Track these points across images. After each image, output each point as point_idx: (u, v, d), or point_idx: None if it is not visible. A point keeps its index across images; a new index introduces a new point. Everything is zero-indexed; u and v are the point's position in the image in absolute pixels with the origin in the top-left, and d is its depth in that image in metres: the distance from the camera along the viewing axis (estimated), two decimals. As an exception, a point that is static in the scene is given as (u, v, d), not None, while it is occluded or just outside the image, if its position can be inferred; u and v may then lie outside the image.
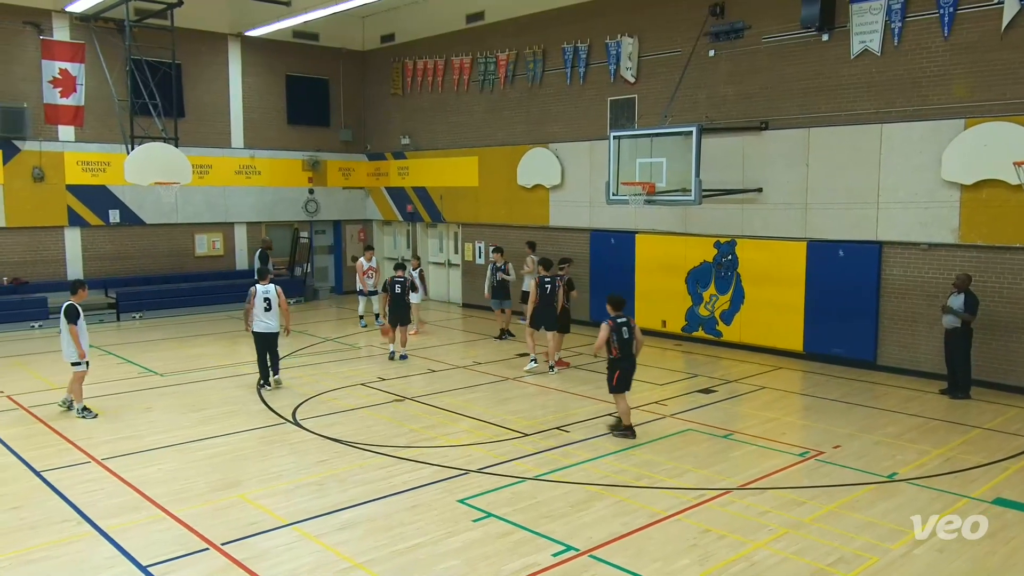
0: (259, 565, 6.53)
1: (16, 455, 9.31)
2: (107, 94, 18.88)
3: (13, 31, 18.14)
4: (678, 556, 6.68)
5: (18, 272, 18.68)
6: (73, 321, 10.67)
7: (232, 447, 9.71)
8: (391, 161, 23.41)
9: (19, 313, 17.83)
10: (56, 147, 18.91)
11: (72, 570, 6.49)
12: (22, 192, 18.47)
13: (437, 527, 7.28)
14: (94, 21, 18.72)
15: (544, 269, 13.86)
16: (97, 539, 7.05)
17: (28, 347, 15.95)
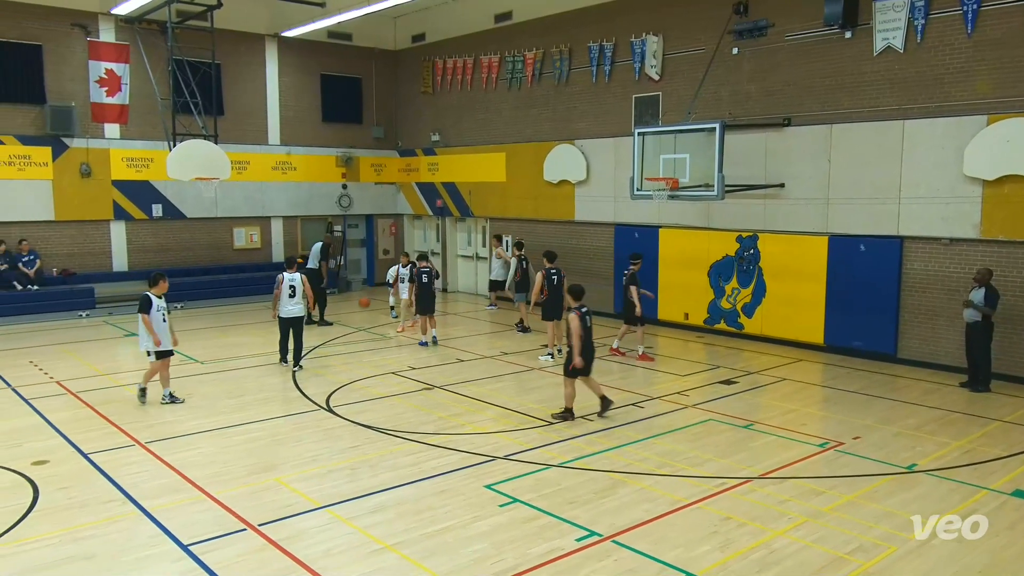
0: (294, 545, 6.60)
1: (65, 438, 9.49)
2: (150, 93, 19.12)
3: (62, 33, 18.42)
4: (699, 543, 6.66)
5: (67, 263, 19.00)
6: (146, 311, 10.54)
7: (268, 432, 9.81)
8: (421, 157, 23.47)
9: (67, 303, 18.15)
10: (102, 144, 19.18)
11: (118, 548, 6.60)
12: (70, 187, 18.78)
13: (465, 511, 7.32)
14: (138, 23, 18.96)
15: (549, 261, 14.29)
16: (141, 519, 7.17)
17: (76, 335, 16.24)
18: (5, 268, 17.75)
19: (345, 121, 23.24)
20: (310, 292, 13.05)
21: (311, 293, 13.12)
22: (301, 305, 12.89)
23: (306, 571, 6.16)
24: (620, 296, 17.86)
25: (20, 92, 18.03)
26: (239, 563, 6.30)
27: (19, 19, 17.86)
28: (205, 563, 6.28)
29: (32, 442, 9.34)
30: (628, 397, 11.32)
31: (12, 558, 6.40)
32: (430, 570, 6.18)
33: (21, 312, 17.51)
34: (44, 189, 18.47)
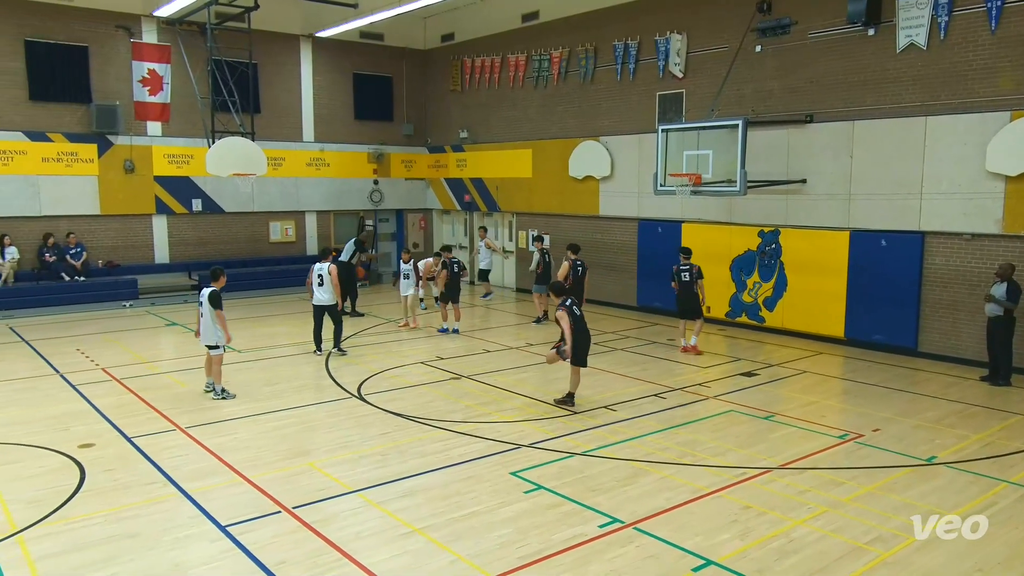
0: (327, 528, 6.67)
1: (110, 422, 9.66)
2: (190, 92, 19.34)
3: (107, 35, 18.67)
4: (719, 531, 6.62)
5: (111, 256, 19.31)
6: (220, 307, 10.46)
7: (302, 419, 9.91)
8: (450, 154, 23.50)
9: (112, 293, 18.44)
10: (145, 141, 19.44)
11: (159, 528, 6.70)
12: (115, 183, 19.06)
13: (491, 497, 7.34)
14: (179, 24, 19.16)
15: (573, 253, 14.37)
16: (181, 500, 7.28)
17: (120, 324, 16.50)
18: (54, 260, 18.08)
19: (376, 119, 23.34)
20: (336, 282, 13.18)
21: (337, 283, 13.24)
22: (329, 294, 13.13)
23: (338, 552, 6.22)
24: (642, 288, 17.82)
25: (68, 91, 18.33)
26: (274, 544, 6.37)
27: (67, 21, 18.14)
28: (242, 543, 6.37)
29: (79, 426, 9.52)
30: (650, 388, 11.28)
31: (60, 536, 6.53)
32: (457, 553, 6.22)
33: (68, 302, 17.83)
34: (90, 184, 18.77)
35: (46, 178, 18.18)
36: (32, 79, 17.87)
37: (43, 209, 18.23)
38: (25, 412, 10.13)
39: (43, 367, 12.64)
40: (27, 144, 17.88)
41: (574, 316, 9.96)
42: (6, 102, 17.65)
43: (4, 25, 17.44)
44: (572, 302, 10.12)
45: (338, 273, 13.27)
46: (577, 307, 10.09)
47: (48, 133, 18.14)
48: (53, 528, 6.67)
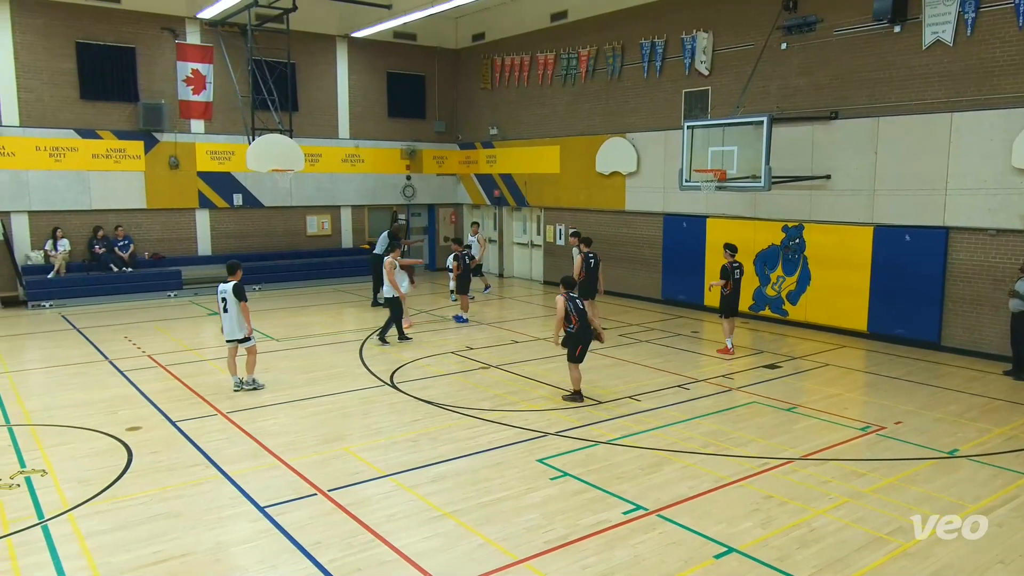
0: (361, 510, 6.73)
1: (156, 407, 9.83)
2: (232, 91, 19.53)
3: (153, 36, 18.92)
4: (741, 519, 6.57)
5: (157, 248, 19.62)
6: (245, 298, 10.27)
7: (337, 405, 10.00)
8: (480, 150, 23.49)
9: (158, 283, 18.75)
10: (189, 139, 19.69)
11: (202, 508, 6.82)
12: (160, 178, 19.35)
13: (518, 483, 7.35)
14: (221, 26, 19.35)
15: (586, 246, 14.27)
16: (222, 482, 7.39)
17: (165, 313, 16.78)
18: (103, 252, 18.42)
19: (409, 116, 23.39)
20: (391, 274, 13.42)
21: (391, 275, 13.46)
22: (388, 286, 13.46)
23: (371, 534, 6.28)
24: (667, 281, 17.70)
25: (116, 91, 18.61)
26: (310, 525, 6.45)
27: (116, 24, 18.41)
28: (280, 524, 6.46)
29: (127, 410, 9.70)
30: (674, 379, 11.21)
31: (109, 514, 6.67)
32: (485, 536, 6.24)
33: (117, 292, 18.17)
34: (137, 180, 19.07)
35: (96, 174, 18.50)
36: (83, 79, 18.17)
37: (93, 203, 18.56)
38: (77, 396, 10.36)
39: (93, 353, 12.90)
40: (78, 141, 18.21)
41: (578, 308, 9.82)
42: (59, 101, 17.98)
43: (57, 28, 17.75)
44: (576, 296, 10.01)
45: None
46: (580, 302, 9.98)
47: (98, 131, 18.45)
48: (102, 507, 6.82)
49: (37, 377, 11.63)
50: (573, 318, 9.79)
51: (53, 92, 17.88)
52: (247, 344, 10.50)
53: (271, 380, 11.15)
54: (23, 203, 17.72)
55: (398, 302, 13.48)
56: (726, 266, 12.66)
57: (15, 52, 17.31)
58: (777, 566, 5.77)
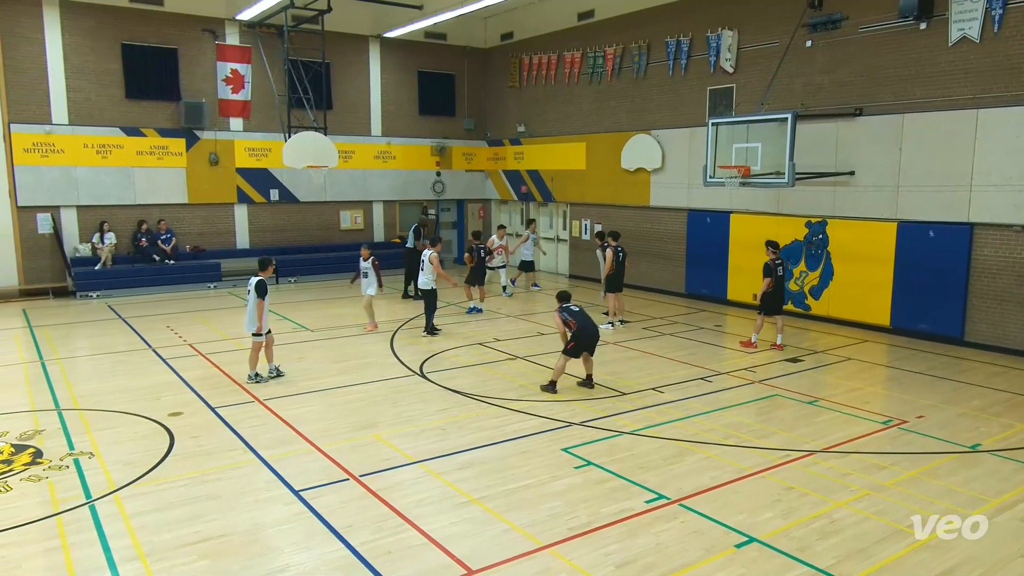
0: (391, 495, 6.79)
1: (196, 394, 9.99)
2: (268, 90, 19.73)
3: (194, 38, 19.16)
4: (762, 510, 6.51)
5: (197, 241, 19.90)
6: (263, 296, 10.26)
7: (369, 394, 10.07)
8: (508, 147, 23.47)
9: (198, 275, 19.04)
10: (228, 136, 19.92)
11: (239, 490, 6.92)
12: (201, 174, 19.61)
13: (543, 471, 7.36)
14: (259, 27, 19.53)
15: (614, 240, 14.30)
16: (259, 466, 7.49)
17: (205, 304, 17.03)
18: (146, 244, 18.73)
19: (439, 114, 23.44)
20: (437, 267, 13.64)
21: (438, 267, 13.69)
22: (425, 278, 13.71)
23: (400, 518, 6.33)
24: (691, 276, 17.56)
25: (159, 90, 18.88)
26: (342, 508, 6.51)
27: (159, 27, 18.67)
28: (313, 507, 6.53)
29: (169, 396, 9.87)
30: (697, 372, 11.13)
31: (152, 495, 6.80)
32: (511, 523, 6.26)
33: (159, 283, 18.48)
34: (179, 176, 19.34)
35: (140, 170, 18.80)
36: (128, 79, 18.46)
37: (137, 198, 18.88)
38: (122, 382, 10.56)
39: (137, 342, 13.14)
40: (123, 139, 18.52)
41: (570, 315, 9.94)
42: (106, 100, 18.29)
43: (104, 31, 18.04)
44: (567, 306, 10.11)
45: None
46: (575, 307, 10.07)
47: (142, 128, 18.75)
48: (145, 488, 6.95)
49: (85, 364, 11.88)
50: (571, 323, 9.87)
51: (100, 92, 18.20)
52: (255, 339, 10.41)
53: (305, 369, 11.28)
54: (72, 198, 18.08)
55: (434, 293, 13.55)
56: (768, 263, 12.38)
57: (64, 54, 17.64)
58: (798, 556, 5.72)
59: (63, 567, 5.55)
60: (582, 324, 9.88)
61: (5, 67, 17.01)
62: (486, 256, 16.01)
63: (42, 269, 17.98)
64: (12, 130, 17.22)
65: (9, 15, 16.95)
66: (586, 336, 9.89)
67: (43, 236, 17.91)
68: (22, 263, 17.74)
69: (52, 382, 10.56)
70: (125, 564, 5.59)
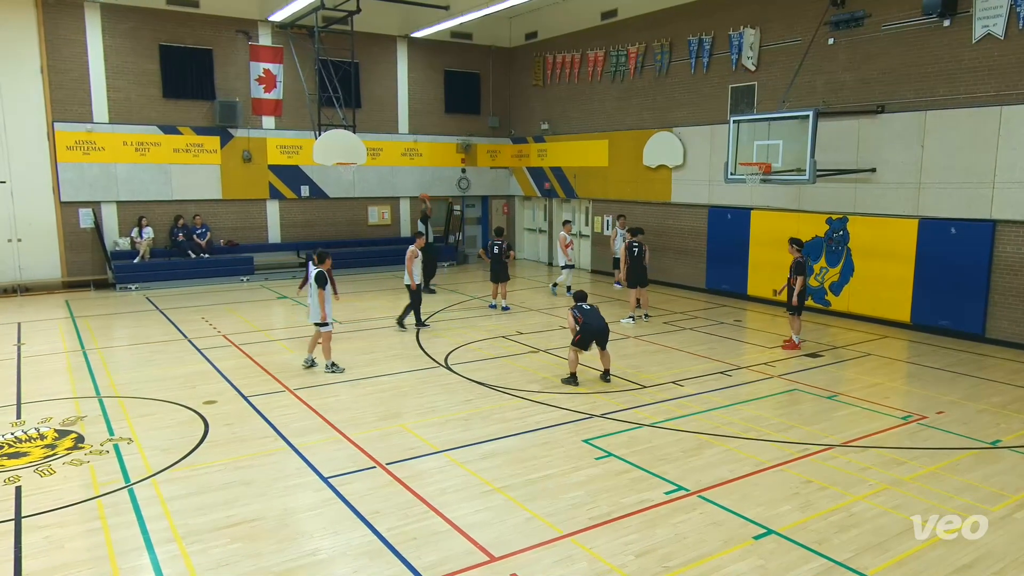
0: (416, 483, 6.83)
1: (230, 383, 10.13)
2: (299, 89, 19.87)
3: (228, 39, 19.35)
4: (780, 502, 6.46)
5: (231, 235, 20.13)
6: (322, 286, 10.41)
7: (395, 385, 10.14)
8: (532, 144, 23.43)
9: (231, 268, 19.26)
10: (260, 134, 20.10)
11: (271, 476, 7.01)
12: (235, 171, 19.82)
13: (564, 462, 7.36)
14: (290, 28, 19.66)
15: (632, 236, 14.15)
16: (289, 453, 7.58)
17: (238, 296, 17.23)
18: (182, 239, 18.98)
19: (465, 112, 23.45)
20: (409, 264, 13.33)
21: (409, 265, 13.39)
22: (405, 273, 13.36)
23: (425, 505, 6.37)
24: (712, 272, 17.42)
25: (195, 89, 19.10)
26: (369, 495, 6.57)
27: (195, 28, 18.88)
28: (342, 494, 6.60)
29: (204, 385, 10.01)
30: (717, 366, 11.05)
31: (188, 480, 6.92)
32: (533, 511, 6.27)
33: (194, 276, 18.73)
34: (214, 172, 19.57)
35: (176, 167, 19.05)
36: (165, 79, 18.70)
37: (174, 194, 19.13)
38: (159, 371, 10.74)
39: (174, 333, 13.34)
40: (161, 137, 18.78)
41: (580, 311, 10.01)
42: (145, 99, 18.55)
43: (142, 32, 18.29)
44: (579, 304, 10.17)
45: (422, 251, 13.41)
46: (587, 306, 10.12)
47: (178, 127, 18.99)
48: (181, 473, 7.07)
49: (124, 353, 12.08)
50: (579, 318, 9.93)
51: (139, 91, 18.45)
52: (322, 329, 10.59)
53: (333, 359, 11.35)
54: (112, 194, 18.37)
55: (415, 288, 13.34)
56: (800, 261, 11.94)
57: (105, 55, 17.91)
58: (816, 549, 5.66)
59: (103, 547, 5.67)
60: (589, 319, 9.95)
61: (49, 68, 17.32)
62: (500, 253, 15.38)
63: (84, 262, 18.31)
64: (56, 128, 17.53)
65: (53, 18, 17.24)
66: (591, 330, 9.93)
67: (85, 230, 18.23)
68: (65, 256, 18.09)
69: (93, 370, 10.76)
70: (162, 546, 5.69)
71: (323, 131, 18.08)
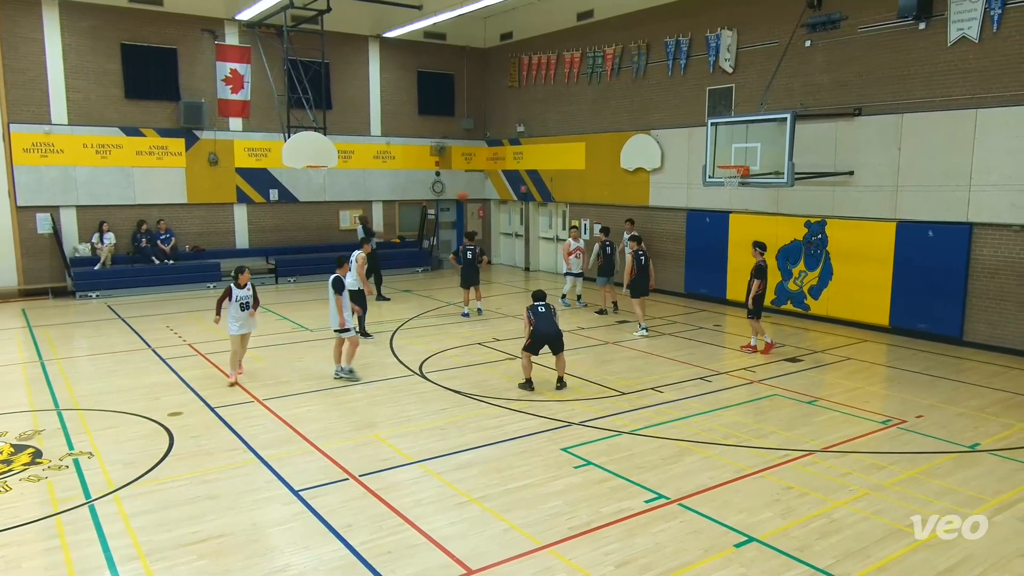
0: (390, 495, 6.79)
1: (196, 393, 9.99)
2: (268, 90, 19.73)
3: (194, 38, 19.15)
4: (761, 509, 6.52)
5: (197, 241, 19.89)
6: (340, 292, 10.44)
7: (368, 394, 10.08)
8: (507, 147, 23.48)
9: (197, 275, 19.02)
10: (227, 136, 19.91)
11: (239, 490, 6.92)
12: (200, 174, 19.60)
13: (542, 471, 7.36)
14: (258, 27, 19.53)
15: (636, 244, 13.96)
16: (259, 466, 7.50)
17: (205, 304, 17.01)
18: (146, 244, 18.72)
19: (439, 114, 23.45)
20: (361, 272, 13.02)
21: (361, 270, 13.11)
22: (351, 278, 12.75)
23: (400, 518, 6.33)
24: (690, 276, 17.57)
25: (159, 90, 18.88)
26: (342, 508, 6.52)
27: (158, 27, 18.66)
28: (313, 507, 6.53)
29: (168, 396, 9.87)
30: (696, 371, 11.14)
31: (152, 495, 6.80)
32: (510, 522, 6.26)
33: (159, 283, 18.48)
34: (178, 176, 19.34)
35: (139, 170, 18.80)
36: (127, 79, 18.45)
37: (137, 198, 18.87)
38: (121, 382, 10.56)
39: (137, 342, 13.14)
40: (123, 138, 18.52)
41: (534, 313, 10.06)
42: (106, 100, 18.28)
43: (103, 30, 18.04)
44: (534, 306, 10.18)
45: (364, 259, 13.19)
46: (541, 307, 10.14)
47: (141, 128, 18.74)
48: (145, 488, 6.95)
49: (84, 364, 11.88)
50: (532, 320, 9.98)
51: (99, 92, 18.19)
52: (344, 335, 10.58)
53: (304, 368, 11.28)
54: (71, 198, 18.07)
55: (362, 294, 12.83)
56: (760, 265, 12.17)
57: (64, 53, 17.63)
58: (797, 556, 5.72)
59: (63, 567, 5.55)
60: (540, 323, 9.99)
61: (4, 67, 17.01)
62: (473, 259, 15.22)
63: (41, 269, 17.97)
64: (12, 130, 17.21)
65: (8, 15, 16.94)
66: (540, 334, 9.98)
67: (43, 236, 17.90)
68: (21, 263, 17.74)
69: (51, 382, 10.56)
70: (125, 564, 5.59)
71: (292, 133, 17.97)
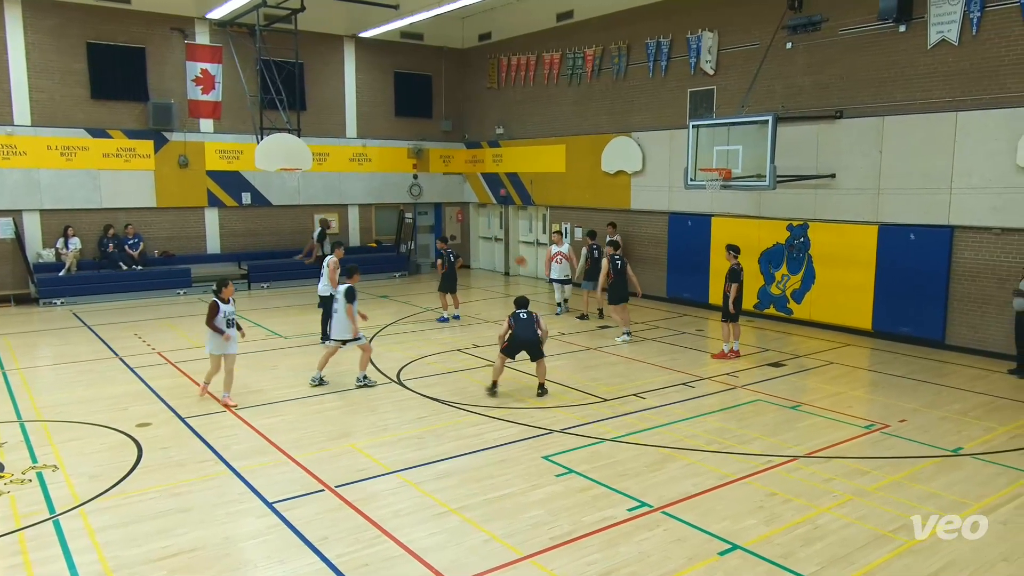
0: (367, 506, 6.75)
1: (165, 403, 9.87)
2: (240, 91, 19.58)
3: (163, 37, 18.97)
4: (745, 516, 6.56)
5: (166, 246, 19.68)
6: (353, 301, 10.41)
7: (344, 402, 10.02)
8: (486, 149, 23.49)
9: (167, 281, 18.81)
10: (198, 138, 19.74)
11: (211, 502, 6.84)
12: (170, 177, 19.40)
13: (523, 480, 7.35)
14: (230, 26, 19.39)
15: (613, 249, 14.00)
16: (231, 478, 7.42)
17: (174, 311, 16.83)
18: (113, 250, 18.47)
19: (416, 115, 23.42)
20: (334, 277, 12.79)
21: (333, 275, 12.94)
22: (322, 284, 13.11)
23: (377, 529, 6.29)
24: (672, 280, 17.68)
25: (126, 90, 18.67)
26: (317, 520, 6.46)
27: (126, 25, 18.47)
28: (287, 519, 6.47)
29: (136, 406, 9.74)
30: (679, 377, 11.20)
31: (119, 509, 6.70)
32: (491, 532, 6.24)
33: (127, 289, 18.24)
34: (147, 179, 19.12)
35: (106, 172, 18.56)
36: (93, 79, 18.23)
37: (103, 202, 18.62)
38: (87, 392, 10.41)
39: (104, 350, 12.95)
40: (89, 140, 18.28)
41: (515, 319, 10.19)
42: (71, 101, 18.04)
43: (68, 28, 17.81)
44: (516, 313, 10.29)
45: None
46: (523, 314, 10.24)
47: (108, 130, 18.51)
48: (113, 501, 6.85)
49: (48, 373, 11.69)
50: (512, 325, 10.11)
51: (64, 92, 17.95)
52: (357, 343, 10.57)
53: (278, 377, 11.19)
54: (35, 202, 17.80)
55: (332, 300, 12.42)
56: (735, 268, 12.32)
57: (27, 52, 17.38)
58: (781, 563, 5.76)
59: (25, 585, 5.45)
60: (519, 329, 10.10)
61: (-36, 66, 16.73)
62: (454, 262, 15.39)
63: (3, 276, 17.66)
64: (-28, 131, 16.93)
65: (-32, 12, 16.68)
66: (517, 339, 10.09)
67: (4, 241, 17.60)
68: (-18, 269, 17.44)
69: (14, 392, 10.37)
70: (91, 581, 5.49)
71: (265, 135, 17.85)
